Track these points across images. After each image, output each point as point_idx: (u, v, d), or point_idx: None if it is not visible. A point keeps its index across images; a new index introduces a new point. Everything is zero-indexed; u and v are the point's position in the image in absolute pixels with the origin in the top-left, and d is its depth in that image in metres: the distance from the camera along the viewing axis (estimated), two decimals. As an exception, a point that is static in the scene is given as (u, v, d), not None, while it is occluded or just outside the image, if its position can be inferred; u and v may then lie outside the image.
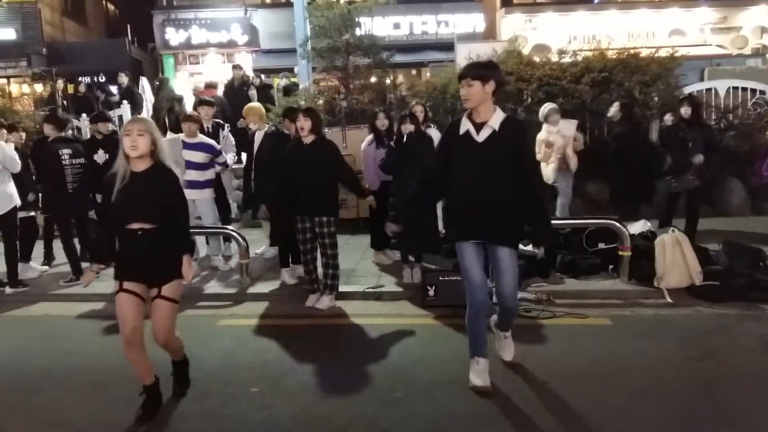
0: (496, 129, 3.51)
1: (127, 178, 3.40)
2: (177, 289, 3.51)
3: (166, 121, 9.22)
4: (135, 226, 3.38)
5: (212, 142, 6.67)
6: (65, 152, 6.51)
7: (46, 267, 7.29)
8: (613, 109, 7.54)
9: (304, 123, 5.24)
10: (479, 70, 3.53)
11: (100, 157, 6.73)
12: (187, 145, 6.42)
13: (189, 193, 6.38)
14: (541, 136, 7.26)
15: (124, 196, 3.38)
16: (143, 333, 3.46)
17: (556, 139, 7.13)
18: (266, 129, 6.65)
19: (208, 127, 7.01)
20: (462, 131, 3.59)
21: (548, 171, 7.28)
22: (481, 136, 3.53)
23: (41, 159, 6.83)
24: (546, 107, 7.35)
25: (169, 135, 7.37)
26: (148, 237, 3.39)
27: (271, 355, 4.49)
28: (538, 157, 7.23)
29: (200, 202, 6.50)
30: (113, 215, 3.46)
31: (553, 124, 7.23)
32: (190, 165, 6.38)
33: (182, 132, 6.52)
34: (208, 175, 6.59)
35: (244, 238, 6.17)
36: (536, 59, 9.69)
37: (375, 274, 6.44)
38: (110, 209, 3.46)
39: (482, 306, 3.65)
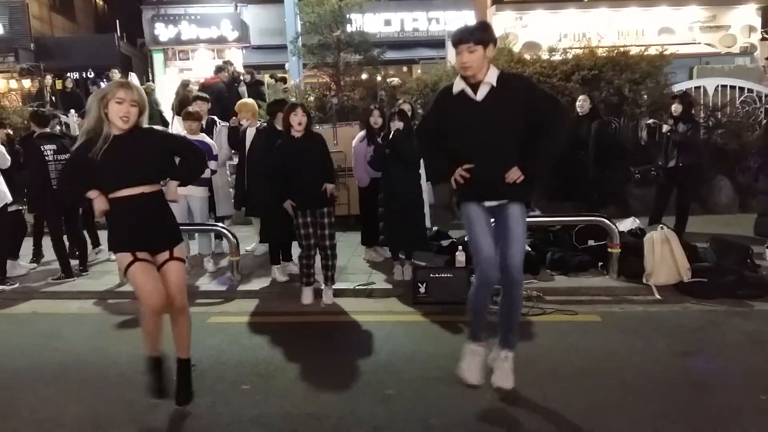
0: (494, 84, 3.31)
1: (108, 143, 3.19)
2: (183, 249, 3.55)
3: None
4: (136, 191, 3.23)
5: (212, 143, 6.64)
6: (49, 148, 6.45)
7: (35, 264, 7.24)
8: (581, 103, 7.57)
9: (302, 118, 5.24)
10: (482, 34, 3.30)
11: None
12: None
13: (182, 190, 6.45)
14: None
15: (115, 161, 3.19)
16: (165, 300, 3.35)
17: None
18: (257, 126, 6.64)
19: (201, 123, 6.99)
20: (456, 91, 3.39)
21: None
22: (480, 95, 3.33)
23: (26, 155, 6.79)
24: None
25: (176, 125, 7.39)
26: (151, 199, 3.30)
27: (262, 353, 4.49)
28: None
29: (192, 200, 6.48)
30: (105, 182, 3.25)
31: None
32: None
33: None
34: (204, 174, 6.52)
35: (234, 235, 6.15)
36: (527, 57, 9.72)
37: (366, 271, 6.44)
38: (99, 177, 3.24)
39: (492, 283, 3.40)
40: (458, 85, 3.40)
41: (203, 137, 6.53)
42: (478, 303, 3.52)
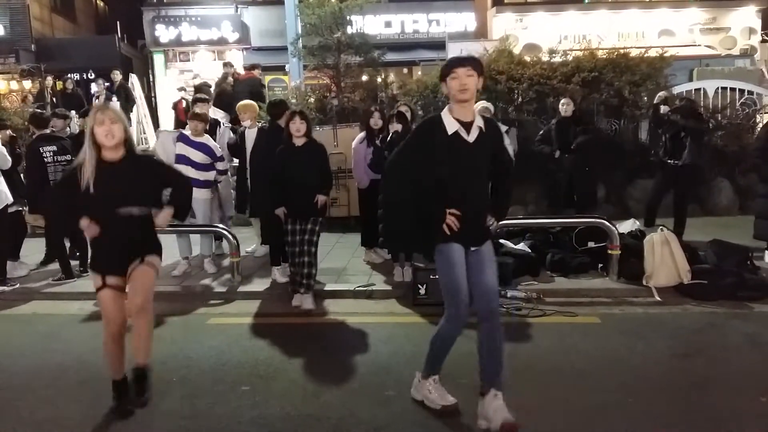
0: (483, 128, 3.30)
1: (97, 169, 3.38)
2: (158, 262, 3.63)
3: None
4: (124, 212, 3.41)
5: (216, 146, 6.63)
6: (48, 149, 6.43)
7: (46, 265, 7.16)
8: (564, 107, 7.50)
9: (300, 126, 5.24)
10: (478, 64, 3.27)
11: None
12: (190, 142, 6.41)
13: (198, 192, 6.45)
14: None
15: (105, 186, 3.37)
16: (126, 326, 3.59)
17: None
18: (258, 126, 6.63)
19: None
20: (450, 131, 3.25)
21: None
22: (472, 136, 3.28)
23: (26, 157, 6.81)
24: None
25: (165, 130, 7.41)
26: (138, 222, 3.47)
27: (262, 354, 4.49)
28: None
29: (195, 201, 6.47)
30: (91, 204, 3.40)
31: None
32: (190, 163, 6.36)
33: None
34: (207, 176, 6.51)
35: (234, 237, 6.15)
36: (527, 59, 9.74)
37: (366, 272, 6.44)
38: (86, 199, 3.39)
39: (465, 317, 3.31)
40: (451, 125, 3.25)
41: (208, 139, 6.54)
42: (446, 346, 3.46)
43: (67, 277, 6.48)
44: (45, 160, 6.39)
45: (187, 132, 6.52)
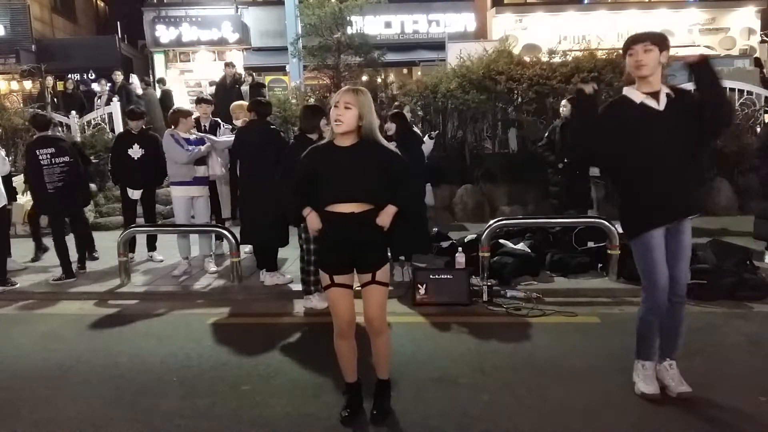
0: (673, 95, 3.30)
1: (332, 153, 3.12)
2: (387, 272, 3.30)
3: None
4: (344, 208, 3.11)
5: (204, 135, 6.70)
6: (45, 152, 6.38)
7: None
8: (564, 109, 7.47)
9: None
10: (659, 38, 3.29)
11: (135, 152, 6.91)
12: (190, 142, 6.43)
13: (194, 190, 6.48)
14: None
15: (331, 174, 3.11)
16: (355, 324, 3.38)
17: None
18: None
19: (205, 126, 7.03)
20: (638, 101, 3.31)
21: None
22: (662, 104, 3.28)
23: (25, 159, 6.82)
24: None
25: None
26: (361, 220, 3.12)
27: (262, 353, 4.48)
28: None
29: (198, 200, 6.55)
30: (321, 195, 3.16)
31: None
32: (199, 161, 6.44)
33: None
34: (201, 171, 6.56)
35: (234, 237, 6.15)
36: (527, 59, 9.75)
37: (366, 272, 6.43)
38: (319, 188, 3.16)
39: (663, 305, 3.44)
40: (637, 96, 3.35)
41: (198, 133, 6.63)
42: (653, 326, 3.52)
43: (68, 277, 6.48)
44: (41, 163, 6.37)
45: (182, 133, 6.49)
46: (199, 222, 6.61)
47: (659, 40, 3.27)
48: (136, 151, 6.96)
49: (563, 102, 7.57)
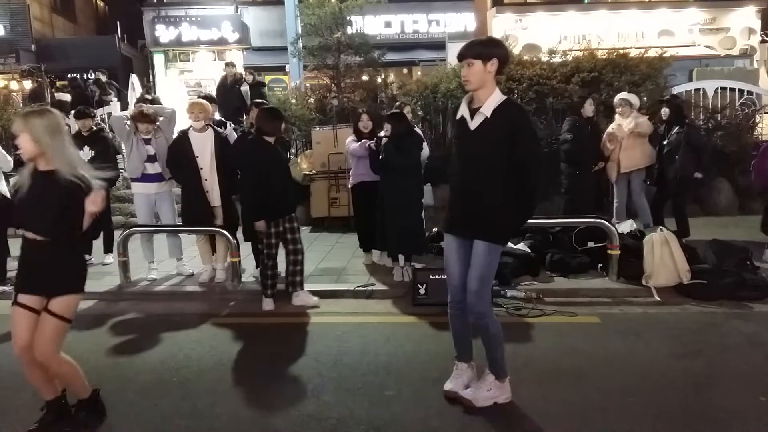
0: (488, 116, 3.25)
1: (29, 179, 3.11)
2: (68, 305, 3.15)
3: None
4: (28, 234, 3.11)
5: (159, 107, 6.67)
6: None
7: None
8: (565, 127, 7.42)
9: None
10: (480, 48, 3.29)
11: (86, 154, 6.65)
12: (146, 140, 6.27)
13: (147, 187, 6.31)
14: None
15: (21, 199, 3.10)
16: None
17: (619, 133, 7.15)
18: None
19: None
20: (458, 116, 3.41)
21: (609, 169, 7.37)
22: (474, 123, 3.30)
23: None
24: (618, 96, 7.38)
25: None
26: (39, 248, 3.10)
27: (262, 354, 4.49)
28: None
29: (159, 197, 6.41)
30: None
31: (621, 116, 7.23)
32: (150, 158, 6.26)
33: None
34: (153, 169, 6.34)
35: (234, 237, 6.14)
36: (527, 59, 9.74)
37: (365, 272, 6.44)
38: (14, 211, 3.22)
39: (458, 304, 3.51)
40: (462, 110, 3.43)
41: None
42: (453, 324, 3.64)
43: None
44: None
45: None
46: (164, 222, 6.50)
47: (480, 53, 3.27)
48: (86, 153, 6.64)
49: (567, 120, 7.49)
